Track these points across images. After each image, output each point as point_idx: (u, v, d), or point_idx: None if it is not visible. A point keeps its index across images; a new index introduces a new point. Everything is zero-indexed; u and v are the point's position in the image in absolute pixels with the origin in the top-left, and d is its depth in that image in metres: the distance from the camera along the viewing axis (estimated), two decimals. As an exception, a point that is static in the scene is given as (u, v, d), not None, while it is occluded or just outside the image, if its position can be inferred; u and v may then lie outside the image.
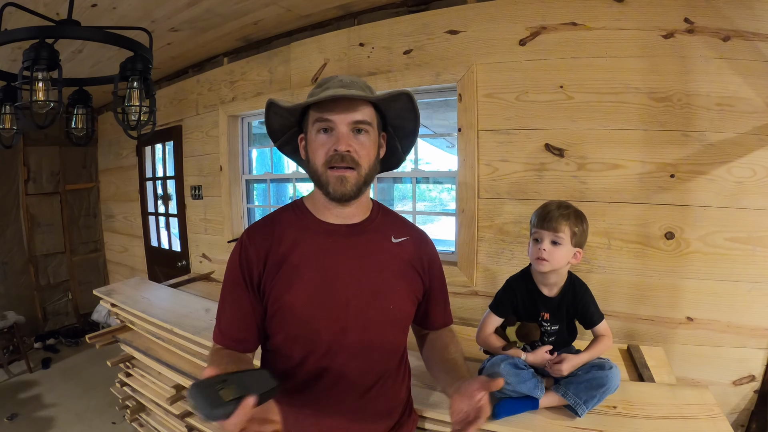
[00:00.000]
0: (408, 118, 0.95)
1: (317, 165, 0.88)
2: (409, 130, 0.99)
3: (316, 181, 0.91)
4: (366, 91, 0.90)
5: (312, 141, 0.89)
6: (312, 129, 0.89)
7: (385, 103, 0.91)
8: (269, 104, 0.92)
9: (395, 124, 0.97)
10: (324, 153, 0.87)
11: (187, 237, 3.42)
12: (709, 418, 1.17)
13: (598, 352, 1.26)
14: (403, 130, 0.98)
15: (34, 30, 1.28)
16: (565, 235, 1.18)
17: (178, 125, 3.35)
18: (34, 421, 2.78)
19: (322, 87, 0.90)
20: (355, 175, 0.87)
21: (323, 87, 0.90)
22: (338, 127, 0.86)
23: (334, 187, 0.87)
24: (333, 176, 0.87)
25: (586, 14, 1.75)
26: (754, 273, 1.64)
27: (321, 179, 0.88)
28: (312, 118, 0.89)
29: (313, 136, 0.89)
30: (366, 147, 0.88)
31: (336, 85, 0.89)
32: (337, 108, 0.85)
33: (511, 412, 1.19)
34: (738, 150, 1.62)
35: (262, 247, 0.91)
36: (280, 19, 2.42)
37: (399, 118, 0.95)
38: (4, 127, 1.70)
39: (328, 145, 0.86)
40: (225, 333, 0.93)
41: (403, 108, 0.93)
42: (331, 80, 0.92)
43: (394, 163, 1.05)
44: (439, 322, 1.08)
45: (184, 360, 1.85)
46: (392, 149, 1.01)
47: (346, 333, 0.89)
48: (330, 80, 0.92)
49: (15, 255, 3.98)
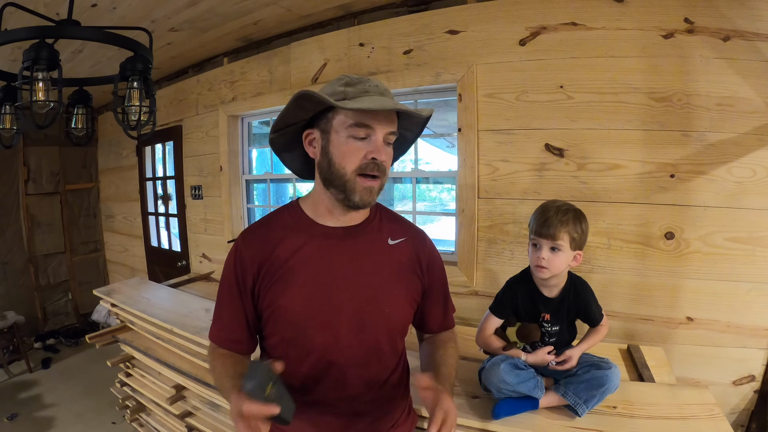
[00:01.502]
0: (414, 131, 0.97)
1: (346, 170, 0.84)
2: (409, 139, 1.00)
3: (338, 185, 0.86)
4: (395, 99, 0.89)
5: (341, 144, 0.84)
6: (342, 131, 0.84)
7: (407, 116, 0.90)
8: (302, 95, 0.82)
9: (399, 133, 0.97)
10: (358, 159, 0.83)
11: (187, 237, 3.42)
12: (709, 418, 1.17)
13: (597, 339, 1.29)
14: (403, 138, 0.98)
15: (34, 30, 1.28)
16: (564, 242, 1.17)
17: (178, 125, 3.35)
18: (34, 421, 2.77)
19: (356, 87, 0.85)
20: (379, 184, 0.87)
21: (357, 88, 0.85)
22: (377, 135, 0.84)
23: (361, 196, 0.85)
24: (363, 185, 0.85)
25: (586, 14, 1.75)
26: (754, 273, 1.64)
27: (347, 185, 0.85)
28: (345, 119, 0.83)
29: (343, 138, 0.84)
30: (391, 156, 0.89)
31: (374, 91, 0.86)
32: (379, 116, 0.83)
33: (511, 412, 1.19)
34: (738, 150, 1.62)
35: (257, 251, 0.90)
36: (280, 19, 2.42)
37: (406, 129, 0.96)
38: (4, 127, 1.70)
39: (363, 152, 0.83)
40: (223, 333, 0.94)
41: (417, 122, 0.94)
42: (365, 82, 0.87)
43: None
44: (437, 325, 1.06)
45: (184, 360, 1.85)
46: None
47: (340, 337, 0.89)
48: (364, 82, 0.87)
49: (15, 255, 3.98)
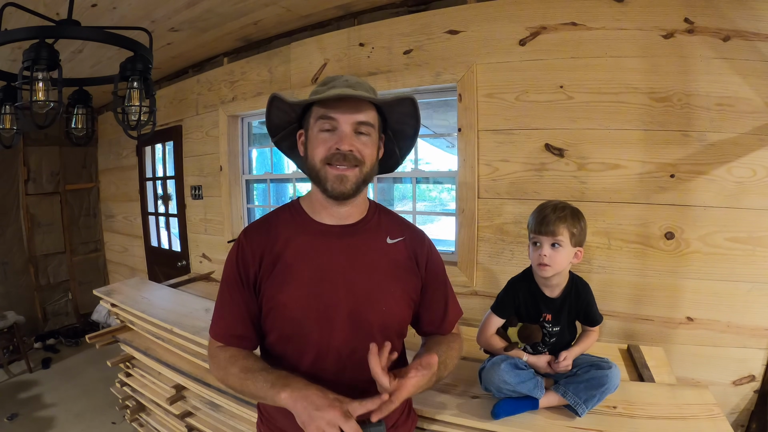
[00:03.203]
0: (409, 123, 0.96)
1: (315, 161, 0.88)
2: (409, 135, 0.99)
3: (313, 178, 0.90)
4: (371, 93, 0.90)
5: (313, 138, 0.89)
6: (314, 126, 0.89)
7: (388, 107, 0.91)
8: (272, 98, 0.91)
9: (395, 128, 0.97)
10: (325, 150, 0.87)
11: (187, 237, 3.42)
12: (709, 418, 1.17)
13: (590, 342, 1.30)
14: (402, 133, 0.99)
15: (34, 30, 1.28)
16: (564, 238, 1.18)
17: (178, 125, 3.35)
18: (34, 421, 2.77)
19: (328, 85, 0.90)
20: (357, 172, 0.88)
21: (329, 85, 0.90)
22: (341, 126, 0.86)
23: (332, 185, 0.87)
24: (332, 174, 0.87)
25: (586, 14, 1.75)
26: (754, 273, 1.64)
27: (319, 175, 0.88)
28: (315, 114, 0.88)
29: (315, 133, 0.88)
30: (368, 147, 0.89)
31: (342, 85, 0.89)
32: (341, 107, 0.86)
33: (511, 412, 1.19)
34: (738, 150, 1.62)
35: (258, 247, 0.91)
36: (280, 19, 2.42)
37: (400, 123, 0.96)
38: (4, 127, 1.70)
39: (330, 143, 0.86)
40: (226, 330, 0.93)
41: (405, 113, 0.93)
42: (336, 79, 0.92)
43: (392, 165, 1.05)
44: (433, 326, 1.03)
45: (184, 360, 1.85)
46: (389, 152, 1.01)
47: (336, 334, 0.89)
48: (336, 79, 0.92)
49: (15, 255, 3.98)
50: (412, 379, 0.77)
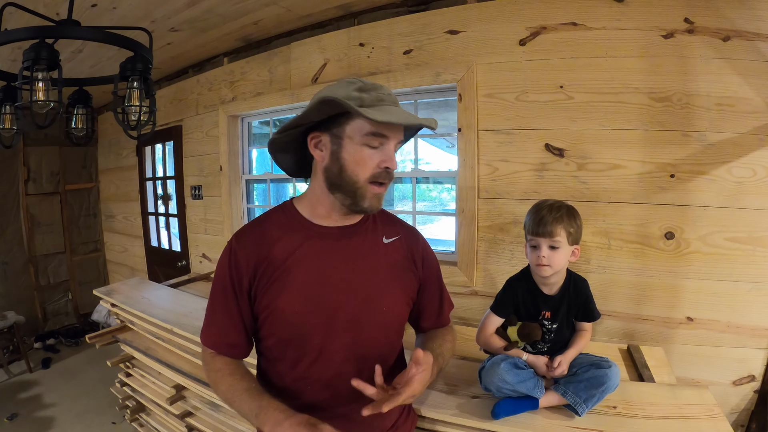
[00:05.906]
0: (408, 135, 0.97)
1: (359, 177, 0.85)
2: None
3: (347, 191, 0.86)
4: None
5: (355, 151, 0.84)
6: (358, 138, 0.84)
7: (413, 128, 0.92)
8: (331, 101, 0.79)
9: None
10: (372, 167, 0.84)
11: (187, 237, 3.42)
12: (709, 418, 1.17)
13: (583, 344, 1.30)
14: None
15: (34, 30, 1.28)
16: (561, 238, 1.18)
17: (178, 125, 3.35)
18: (34, 421, 2.78)
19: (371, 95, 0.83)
20: (386, 190, 0.89)
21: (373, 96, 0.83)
22: (390, 144, 0.86)
23: (371, 202, 0.87)
24: (373, 192, 0.86)
25: (586, 14, 1.75)
26: (754, 273, 1.64)
27: (358, 192, 0.85)
28: (363, 128, 0.83)
29: (358, 146, 0.84)
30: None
31: (389, 100, 0.85)
32: (394, 126, 0.84)
33: (511, 412, 1.19)
34: (738, 150, 1.62)
35: (252, 254, 0.89)
36: (280, 19, 2.42)
37: None
38: (4, 127, 1.70)
39: (377, 160, 0.84)
40: (218, 338, 0.93)
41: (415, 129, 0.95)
42: (379, 89, 0.85)
43: None
44: (433, 321, 1.07)
45: (184, 360, 1.85)
46: None
47: (337, 336, 0.89)
48: (378, 89, 0.85)
49: (15, 255, 3.98)
50: (417, 375, 0.80)
